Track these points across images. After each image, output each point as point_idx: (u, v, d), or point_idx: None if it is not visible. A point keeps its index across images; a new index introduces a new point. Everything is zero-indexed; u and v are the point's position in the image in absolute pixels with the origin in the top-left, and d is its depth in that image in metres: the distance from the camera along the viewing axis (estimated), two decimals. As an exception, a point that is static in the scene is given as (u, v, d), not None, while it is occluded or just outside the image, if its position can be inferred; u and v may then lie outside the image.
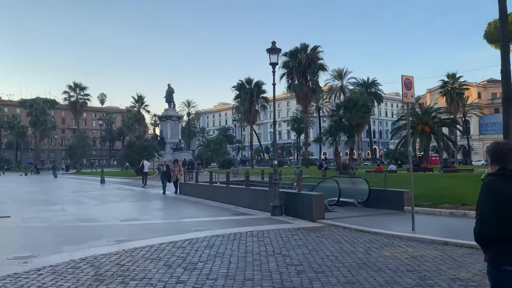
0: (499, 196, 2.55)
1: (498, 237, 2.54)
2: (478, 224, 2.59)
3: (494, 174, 2.69)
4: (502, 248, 2.55)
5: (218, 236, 8.77)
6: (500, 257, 2.57)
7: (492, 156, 2.77)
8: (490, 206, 2.54)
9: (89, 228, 10.75)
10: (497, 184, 2.60)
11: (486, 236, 2.57)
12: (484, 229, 2.55)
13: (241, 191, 14.74)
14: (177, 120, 68.14)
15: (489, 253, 2.64)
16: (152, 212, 13.84)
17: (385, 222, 10.50)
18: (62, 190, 26.24)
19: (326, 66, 41.47)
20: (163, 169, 21.57)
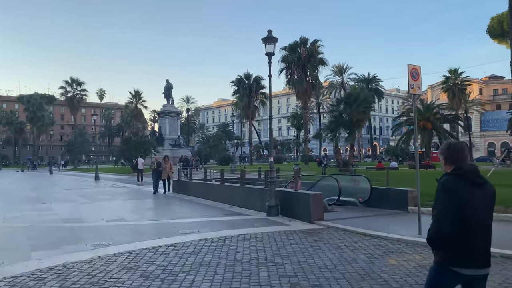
0: (455, 196, 2.53)
1: (452, 238, 2.53)
2: (434, 224, 2.57)
3: (449, 174, 2.67)
4: (454, 250, 2.54)
5: (207, 240, 8.03)
6: (450, 258, 2.57)
7: (446, 157, 2.74)
8: (447, 206, 2.53)
9: (71, 229, 10.02)
10: (453, 184, 2.59)
11: (444, 236, 2.53)
12: (441, 229, 2.53)
13: (236, 189, 14.00)
14: (175, 116, 67.39)
15: (440, 253, 2.63)
16: (141, 212, 13.11)
17: (388, 224, 9.76)
18: (55, 187, 25.54)
19: (326, 60, 40.70)
20: (154, 166, 19.91)
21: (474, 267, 2.59)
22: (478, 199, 2.59)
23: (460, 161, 2.69)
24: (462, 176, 2.61)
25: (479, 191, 2.61)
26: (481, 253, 2.62)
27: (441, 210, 2.57)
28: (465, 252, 2.56)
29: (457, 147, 2.77)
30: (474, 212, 2.57)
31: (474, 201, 2.57)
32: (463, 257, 2.56)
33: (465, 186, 2.58)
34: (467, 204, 2.54)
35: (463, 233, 2.54)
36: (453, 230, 2.52)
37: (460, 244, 2.55)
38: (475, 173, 2.66)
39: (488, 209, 2.67)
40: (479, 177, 2.66)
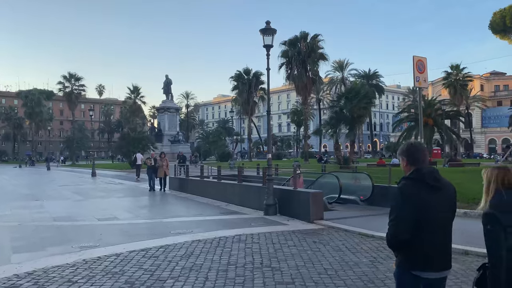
0: (412, 202, 2.48)
1: (410, 243, 2.50)
2: (391, 229, 2.54)
3: (407, 178, 2.60)
4: (413, 254, 2.53)
5: (200, 241, 7.60)
6: (410, 262, 2.56)
7: (406, 158, 2.67)
8: (404, 211, 2.49)
9: (59, 229, 9.58)
10: (410, 188, 2.53)
11: (399, 242, 2.52)
12: (397, 235, 2.50)
13: (233, 187, 13.56)
14: (175, 112, 66.88)
15: (400, 257, 2.62)
16: (135, 210, 12.67)
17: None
18: (50, 183, 25.11)
19: (327, 55, 39.99)
20: (149, 163, 18.71)
21: (433, 270, 2.56)
22: (437, 203, 2.55)
23: (420, 162, 2.63)
24: (420, 180, 2.55)
25: (438, 194, 2.56)
26: (441, 256, 2.59)
27: (397, 215, 2.52)
28: (424, 256, 2.53)
29: (418, 148, 2.70)
30: (432, 216, 2.53)
31: (432, 206, 2.53)
32: (422, 261, 2.53)
33: (423, 191, 2.52)
34: (425, 209, 2.51)
35: (421, 238, 2.51)
36: (409, 235, 2.48)
37: (419, 248, 2.52)
38: (434, 176, 2.59)
39: (447, 212, 2.62)
40: (438, 181, 2.59)
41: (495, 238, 2.36)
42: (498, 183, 2.51)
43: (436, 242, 2.54)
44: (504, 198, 2.45)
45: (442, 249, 2.59)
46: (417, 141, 3.19)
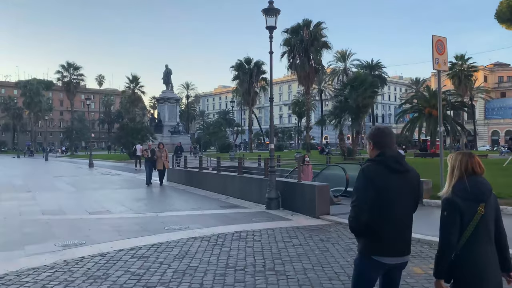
0: (373, 184, 2.47)
1: (371, 227, 2.47)
2: (352, 211, 2.53)
3: (372, 160, 2.61)
4: (374, 238, 2.51)
5: (196, 239, 6.91)
6: (371, 247, 2.53)
7: (373, 141, 2.67)
8: (365, 194, 2.47)
9: (46, 224, 8.90)
10: (374, 171, 2.53)
11: (360, 224, 2.49)
12: (358, 217, 2.49)
13: (233, 179, 12.85)
14: (175, 103, 66.05)
15: (361, 242, 2.60)
16: (129, 203, 11.98)
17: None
18: (46, 174, 24.46)
19: (330, 44, 38.86)
20: (146, 154, 17.25)
21: (394, 255, 2.54)
22: (398, 187, 2.52)
23: (386, 146, 2.60)
24: (383, 163, 2.54)
25: (400, 178, 2.54)
26: (401, 241, 2.56)
27: (359, 197, 2.51)
28: (384, 240, 2.50)
29: (385, 132, 2.68)
30: (394, 200, 2.50)
31: (393, 189, 2.50)
32: (382, 246, 2.51)
33: (385, 174, 2.51)
34: (386, 192, 2.49)
35: (382, 222, 2.48)
36: (370, 218, 2.47)
37: (380, 232, 2.50)
38: (397, 160, 2.57)
39: (408, 197, 2.58)
40: (400, 164, 2.57)
41: (450, 223, 2.34)
42: (461, 169, 2.44)
43: (396, 226, 2.52)
44: (466, 184, 2.39)
45: (403, 233, 2.56)
46: (384, 126, 2.90)
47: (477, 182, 2.42)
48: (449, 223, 2.35)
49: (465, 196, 2.36)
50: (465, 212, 2.34)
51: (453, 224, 2.34)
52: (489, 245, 2.40)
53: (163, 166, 16.82)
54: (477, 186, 2.40)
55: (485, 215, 2.36)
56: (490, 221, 2.41)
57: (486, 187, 2.43)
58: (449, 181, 2.49)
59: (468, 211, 2.34)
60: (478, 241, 2.36)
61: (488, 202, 2.39)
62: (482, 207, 2.35)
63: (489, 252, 2.39)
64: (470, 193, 2.37)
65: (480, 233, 2.36)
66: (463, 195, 2.37)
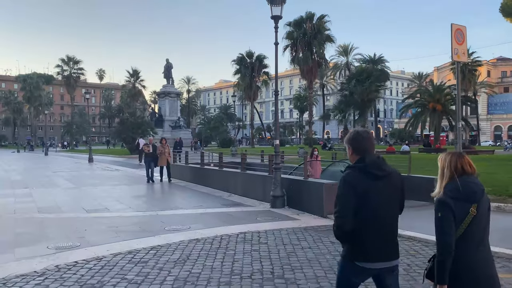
0: (355, 192, 2.44)
1: (355, 234, 2.46)
2: (336, 220, 2.48)
3: (352, 167, 2.56)
4: (357, 244, 2.49)
5: (198, 241, 6.48)
6: (354, 253, 2.51)
7: (352, 146, 2.61)
8: (347, 202, 2.44)
9: (40, 223, 8.49)
10: (355, 178, 2.48)
11: (345, 233, 2.47)
12: (342, 226, 2.45)
13: (236, 175, 12.41)
14: (176, 97, 65.52)
15: (345, 247, 2.58)
16: (128, 201, 11.55)
17: (418, 219, 8.08)
18: (44, 169, 24.05)
19: (334, 37, 38.13)
20: (147, 150, 16.20)
21: (378, 260, 2.51)
22: (381, 192, 2.50)
23: (366, 151, 2.56)
24: (363, 169, 2.50)
25: (382, 183, 2.51)
26: (387, 246, 2.53)
27: (341, 206, 2.47)
28: (368, 246, 2.48)
29: (363, 136, 2.61)
30: (377, 205, 2.48)
31: (376, 195, 2.48)
32: (366, 252, 2.48)
33: (367, 180, 2.47)
34: (369, 198, 2.46)
35: (366, 228, 2.46)
36: (354, 226, 2.44)
37: (363, 239, 2.47)
38: (378, 165, 2.53)
39: (392, 200, 2.57)
40: (382, 170, 2.54)
41: (445, 226, 2.28)
42: (452, 169, 2.39)
43: (381, 231, 2.50)
44: (457, 184, 2.33)
45: (388, 238, 2.54)
46: (363, 129, 2.77)
47: (468, 182, 2.36)
48: (446, 225, 2.29)
49: (457, 196, 2.30)
50: (457, 213, 2.28)
51: (449, 225, 2.28)
52: (482, 246, 2.34)
53: (166, 162, 16.01)
54: (469, 186, 2.34)
55: (477, 216, 2.30)
56: (483, 221, 2.35)
57: (479, 187, 2.37)
58: (440, 182, 2.44)
59: (460, 211, 2.29)
60: (469, 242, 2.30)
61: (481, 203, 2.33)
62: (474, 208, 2.30)
63: (482, 253, 2.33)
64: (462, 193, 2.31)
65: (472, 234, 2.30)
66: (454, 195, 2.31)
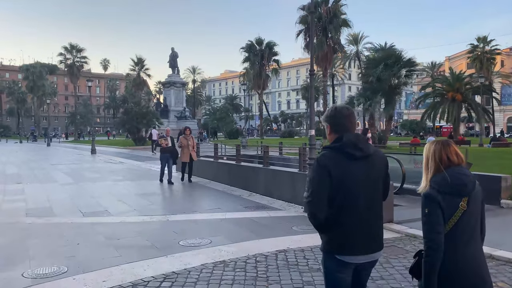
0: (329, 174, 2.15)
1: (332, 222, 2.17)
2: (307, 207, 2.20)
3: (328, 147, 2.30)
4: (334, 235, 2.20)
5: (227, 264, 4.81)
6: (332, 245, 2.23)
7: (330, 124, 2.34)
8: (321, 186, 2.15)
9: (24, 231, 6.88)
10: (330, 159, 2.20)
11: (319, 222, 2.18)
12: (314, 213, 2.17)
13: (257, 171, 10.70)
14: (181, 87, 63.89)
15: (323, 239, 2.28)
16: (132, 200, 9.92)
17: (489, 229, 6.39)
18: (43, 161, 22.52)
19: (350, 22, 36.05)
20: (165, 143, 12.70)
21: (359, 253, 2.21)
22: (360, 175, 2.19)
23: (345, 130, 2.27)
24: (340, 149, 2.22)
25: (361, 165, 2.20)
26: (368, 237, 2.23)
27: (313, 191, 2.16)
28: (347, 237, 2.18)
29: (343, 113, 2.31)
30: (355, 190, 2.18)
31: (354, 178, 2.18)
32: (344, 244, 2.19)
33: (343, 162, 2.18)
34: (345, 182, 2.16)
35: (343, 217, 2.17)
36: (330, 213, 2.16)
37: (341, 229, 2.18)
38: (356, 144, 2.22)
39: (374, 185, 2.26)
40: (360, 150, 2.22)
41: (434, 222, 2.03)
42: (436, 160, 2.13)
43: (361, 220, 2.20)
44: (445, 176, 2.06)
45: (367, 229, 2.23)
46: (343, 105, 2.36)
47: (458, 173, 2.08)
48: (434, 222, 2.03)
49: (445, 190, 2.04)
50: (445, 208, 2.03)
51: (437, 222, 2.02)
52: (472, 244, 2.09)
53: (189, 158, 12.66)
54: (458, 178, 2.06)
55: (467, 211, 2.05)
56: (474, 217, 2.09)
57: (469, 179, 2.08)
58: (426, 174, 2.17)
59: (448, 206, 2.03)
60: (458, 239, 2.05)
61: (472, 196, 2.07)
62: (464, 202, 2.05)
63: (472, 252, 2.07)
64: (451, 185, 2.04)
65: (461, 231, 2.04)
66: (442, 189, 2.05)
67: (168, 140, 12.89)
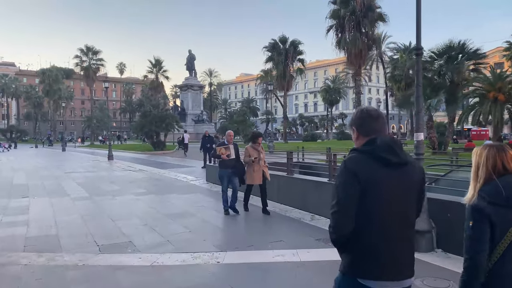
0: (359, 181, 1.83)
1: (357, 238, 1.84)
2: (332, 219, 1.87)
3: (357, 150, 1.96)
4: (360, 255, 1.86)
5: None
6: (357, 267, 1.88)
7: (357, 127, 2.04)
8: (349, 194, 1.83)
9: (15, 283, 4.72)
10: (359, 163, 1.88)
11: (344, 236, 1.85)
12: (340, 226, 1.84)
13: (320, 187, 8.29)
14: (198, 90, 62.45)
15: (344, 258, 1.93)
16: (161, 224, 7.68)
17: None
18: (56, 168, 20.62)
19: (386, 15, 33.40)
20: (226, 154, 8.43)
21: (388, 278, 1.85)
22: (394, 185, 1.87)
23: (375, 132, 1.96)
24: (372, 153, 1.88)
25: (396, 173, 1.87)
26: (398, 259, 1.88)
27: (340, 200, 1.84)
28: (375, 258, 1.83)
29: (372, 115, 2.02)
30: (388, 202, 1.85)
31: (387, 187, 1.85)
32: (372, 266, 1.85)
33: (375, 167, 1.85)
34: (377, 191, 1.83)
35: (370, 232, 1.83)
36: (356, 227, 1.83)
37: (368, 247, 1.84)
38: (391, 148, 1.89)
39: (408, 199, 1.93)
40: (396, 155, 1.89)
41: (478, 239, 1.81)
42: (488, 167, 1.89)
43: (392, 238, 1.85)
44: (498, 186, 1.82)
45: (401, 248, 1.89)
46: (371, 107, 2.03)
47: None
48: (478, 238, 1.81)
49: (498, 202, 1.81)
50: (497, 223, 1.80)
51: (482, 239, 1.80)
52: None
53: (262, 177, 8.38)
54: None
55: None
56: None
57: None
58: (474, 183, 1.93)
59: (502, 221, 1.80)
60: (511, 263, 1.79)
61: None
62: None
63: None
64: (506, 198, 1.80)
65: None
66: (494, 201, 1.81)
67: (231, 150, 8.48)
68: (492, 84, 36.15)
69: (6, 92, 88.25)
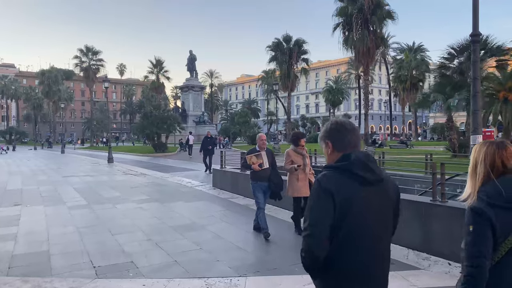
0: (334, 201, 1.69)
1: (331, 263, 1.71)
2: (304, 241, 1.70)
3: (331, 167, 1.81)
4: (334, 279, 1.73)
5: None
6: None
7: (331, 141, 1.87)
8: (323, 216, 1.69)
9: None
10: (335, 182, 1.73)
11: (317, 260, 1.69)
12: (313, 250, 1.68)
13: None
14: (199, 91, 61.71)
15: (318, 286, 1.82)
16: (168, 239, 6.76)
17: None
18: (54, 172, 19.71)
19: (395, 13, 32.43)
20: (258, 163, 6.72)
21: None
22: (371, 204, 1.74)
23: (350, 146, 1.83)
24: (347, 170, 1.74)
25: (373, 191, 1.75)
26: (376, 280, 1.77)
27: (314, 221, 1.69)
28: (352, 282, 1.71)
29: (346, 127, 1.86)
30: (365, 223, 1.72)
31: (363, 207, 1.72)
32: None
33: (352, 186, 1.72)
34: (352, 211, 1.69)
35: (349, 255, 1.71)
36: (331, 251, 1.69)
37: (345, 271, 1.71)
38: (365, 165, 1.76)
39: (385, 218, 1.81)
40: (372, 172, 1.77)
41: (479, 242, 1.67)
42: (487, 165, 1.76)
43: (369, 260, 1.74)
44: (498, 186, 1.70)
45: (378, 270, 1.79)
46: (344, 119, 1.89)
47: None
48: (478, 242, 1.67)
49: (498, 204, 1.67)
50: (498, 226, 1.67)
51: (483, 242, 1.66)
52: None
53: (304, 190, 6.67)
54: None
55: None
56: None
57: None
58: (472, 182, 1.80)
59: (503, 224, 1.67)
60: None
61: None
62: None
63: None
64: (506, 198, 1.67)
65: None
66: (494, 202, 1.68)
67: (264, 158, 6.75)
68: (502, 83, 35.24)
69: (6, 93, 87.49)
